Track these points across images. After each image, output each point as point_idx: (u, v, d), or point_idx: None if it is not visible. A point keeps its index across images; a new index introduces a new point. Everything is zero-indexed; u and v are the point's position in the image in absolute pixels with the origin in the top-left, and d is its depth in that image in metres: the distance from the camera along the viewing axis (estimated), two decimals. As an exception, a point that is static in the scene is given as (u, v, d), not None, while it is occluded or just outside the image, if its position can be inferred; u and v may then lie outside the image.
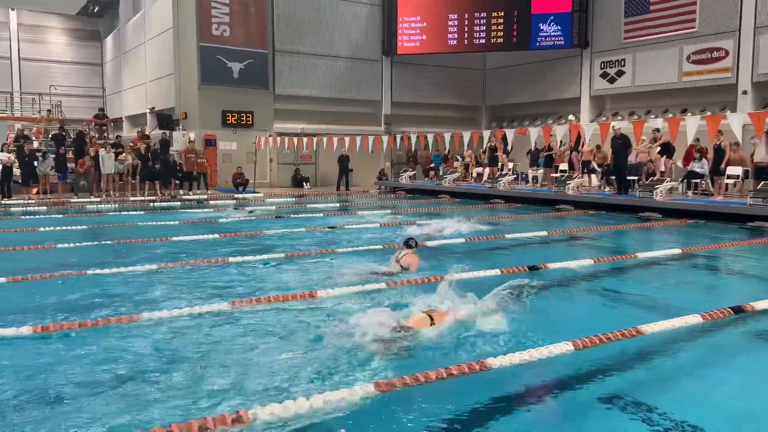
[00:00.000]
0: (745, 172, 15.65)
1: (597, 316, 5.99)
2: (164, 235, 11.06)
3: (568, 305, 6.58)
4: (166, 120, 24.13)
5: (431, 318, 5.38)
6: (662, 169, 16.85)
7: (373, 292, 6.62)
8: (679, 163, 17.24)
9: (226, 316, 5.79)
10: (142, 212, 15.49)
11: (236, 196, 20.59)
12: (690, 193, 16.29)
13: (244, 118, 24.22)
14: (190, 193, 21.18)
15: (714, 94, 20.87)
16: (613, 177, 17.06)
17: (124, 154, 19.90)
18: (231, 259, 8.56)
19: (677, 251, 9.58)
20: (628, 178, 17.25)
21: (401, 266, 7.60)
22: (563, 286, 7.37)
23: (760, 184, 14.03)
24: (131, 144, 22.11)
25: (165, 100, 25.83)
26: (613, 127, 16.06)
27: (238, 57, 23.85)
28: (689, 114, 19.65)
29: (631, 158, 17.15)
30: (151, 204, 17.60)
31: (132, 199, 18.72)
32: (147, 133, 25.62)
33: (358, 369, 4.43)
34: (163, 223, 13.04)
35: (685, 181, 16.61)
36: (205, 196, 20.08)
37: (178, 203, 17.89)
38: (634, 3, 22.83)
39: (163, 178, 20.14)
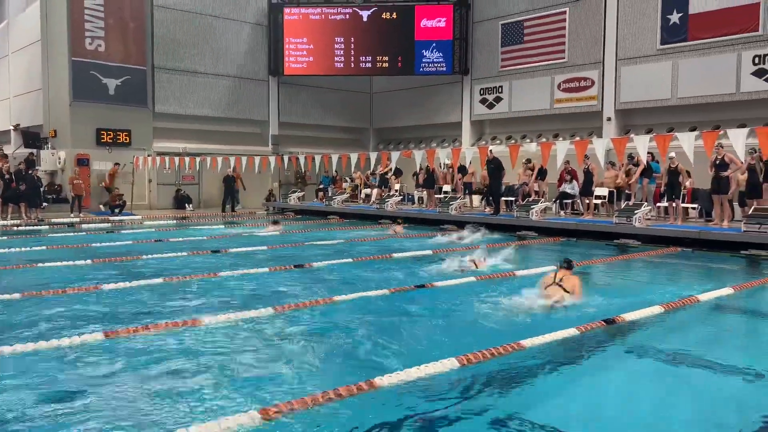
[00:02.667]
0: (610, 194, 16.91)
1: (480, 332, 6.17)
2: (30, 261, 10.21)
3: (453, 322, 6.73)
4: (32, 138, 22.42)
5: (562, 287, 6.88)
6: (537, 189, 17.85)
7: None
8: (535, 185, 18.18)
9: (99, 348, 5.40)
10: (4, 237, 14.22)
11: (111, 218, 19.45)
12: (562, 212, 17.34)
13: (121, 137, 22.99)
14: (72, 215, 19.71)
15: (582, 121, 22.49)
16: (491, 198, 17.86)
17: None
18: (105, 286, 8.02)
19: (552, 268, 10.10)
20: (506, 199, 18.14)
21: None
22: (448, 303, 7.54)
23: (623, 205, 15.21)
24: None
25: (32, 117, 24.01)
26: (490, 151, 16.85)
27: (115, 73, 22.68)
28: (560, 138, 21.00)
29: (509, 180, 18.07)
30: (15, 228, 16.22)
31: (-8, 223, 17.15)
32: (10, 151, 23.65)
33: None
34: (28, 248, 12.03)
35: (558, 201, 17.67)
36: (77, 220, 18.78)
37: (46, 227, 16.63)
38: (510, 34, 24.22)
39: (30, 200, 18.58)
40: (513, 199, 18.09)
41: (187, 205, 24.01)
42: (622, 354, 5.66)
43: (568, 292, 6.92)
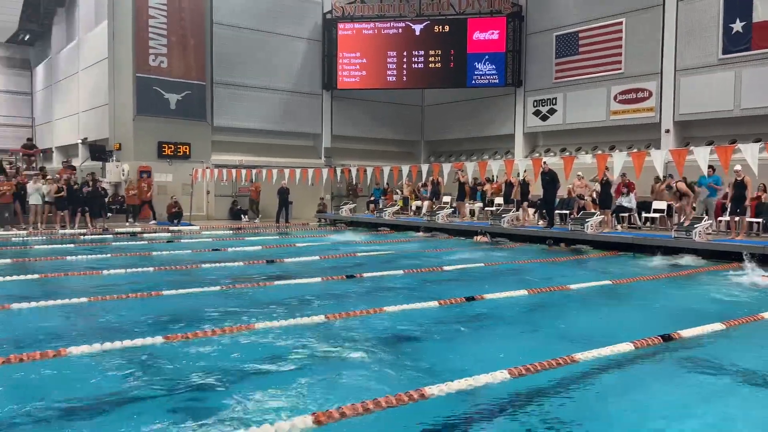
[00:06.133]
0: (669, 207, 16.44)
1: (533, 345, 6.12)
2: (94, 268, 10.67)
3: (504, 335, 6.69)
4: (99, 151, 23.45)
5: None
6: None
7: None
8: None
9: (160, 350, 5.62)
10: (71, 245, 14.90)
11: (171, 228, 20.09)
12: (619, 226, 16.95)
13: (181, 150, 23.80)
14: (127, 224, 20.54)
15: (640, 132, 21.99)
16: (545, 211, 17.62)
17: (48, 185, 19.02)
18: (166, 292, 8.32)
19: (607, 282, 9.93)
20: (560, 212, 17.87)
21: None
22: (499, 316, 7.51)
23: (683, 219, 14.78)
24: (58, 174, 21.32)
25: (98, 131, 25.12)
26: (544, 163, 16.66)
27: (176, 88, 23.53)
28: (617, 150, 20.57)
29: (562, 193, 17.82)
30: (81, 237, 16.96)
31: (61, 231, 17.96)
32: (78, 164, 24.80)
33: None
34: (93, 256, 12.58)
35: (614, 214, 17.28)
36: (139, 229, 19.49)
37: (110, 236, 17.31)
38: (565, 45, 23.95)
39: (94, 210, 19.40)
40: (567, 212, 17.82)
41: (242, 216, 24.57)
42: (681, 370, 5.51)
43: None
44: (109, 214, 20.69)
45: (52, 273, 10.03)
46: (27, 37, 33.60)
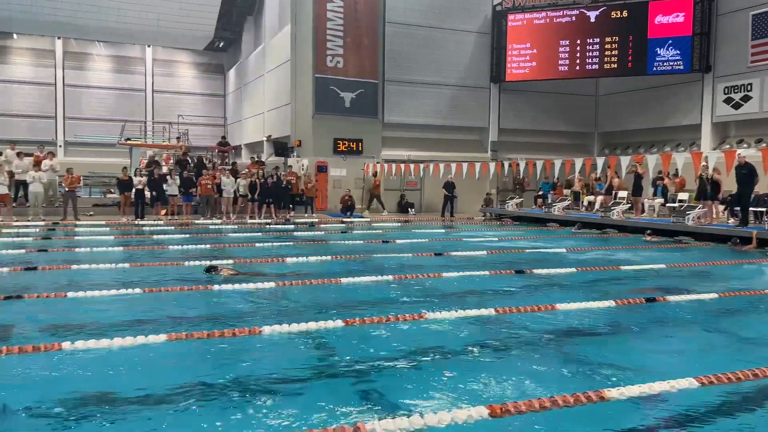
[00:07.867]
0: None
1: (724, 353, 5.67)
2: (279, 255, 11.59)
3: (690, 340, 6.26)
4: (281, 147, 25.33)
5: None
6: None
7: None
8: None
9: (340, 333, 6.01)
10: (259, 234, 16.29)
11: (344, 220, 21.17)
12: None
13: (354, 146, 24.99)
14: (306, 215, 22.04)
15: None
16: (737, 208, 16.00)
17: (238, 179, 20.90)
18: (343, 280, 8.84)
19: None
20: (756, 209, 16.15)
21: None
22: (684, 319, 7.03)
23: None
24: (247, 169, 23.36)
25: (281, 129, 27.14)
26: (739, 155, 15.13)
27: (350, 87, 24.72)
28: (827, 141, 18.13)
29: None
30: (267, 226, 18.48)
31: (250, 221, 19.72)
32: (263, 159, 26.98)
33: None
34: (279, 244, 13.68)
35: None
36: (316, 220, 20.80)
37: (292, 226, 18.66)
38: (763, 25, 21.50)
39: (278, 202, 21.03)
40: (764, 209, 16.05)
41: (409, 209, 25.20)
42: None
43: None
44: (291, 207, 22.29)
45: (243, 259, 11.06)
46: (221, 44, 37.22)
